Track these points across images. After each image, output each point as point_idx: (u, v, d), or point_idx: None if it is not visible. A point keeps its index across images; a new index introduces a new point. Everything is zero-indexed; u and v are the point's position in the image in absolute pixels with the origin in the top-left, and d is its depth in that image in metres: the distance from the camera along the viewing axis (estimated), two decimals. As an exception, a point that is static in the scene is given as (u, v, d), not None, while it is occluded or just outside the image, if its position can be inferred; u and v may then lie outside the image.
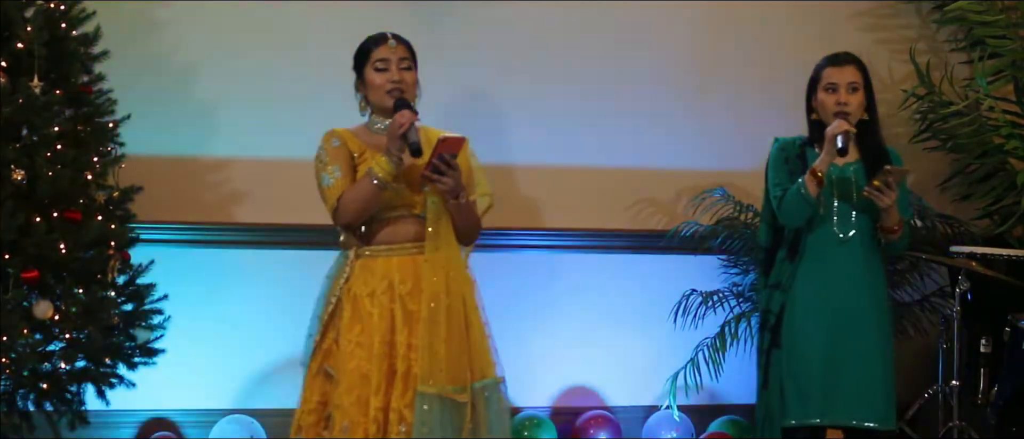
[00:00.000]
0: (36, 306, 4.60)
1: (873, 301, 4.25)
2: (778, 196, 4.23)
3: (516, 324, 5.68)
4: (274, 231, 5.67)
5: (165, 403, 5.56)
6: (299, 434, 3.82)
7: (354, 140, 3.87)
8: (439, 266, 3.78)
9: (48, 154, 4.62)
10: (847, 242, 4.21)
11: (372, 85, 3.85)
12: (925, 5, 6.20)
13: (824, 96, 4.23)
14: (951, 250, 5.46)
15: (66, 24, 4.79)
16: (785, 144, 4.34)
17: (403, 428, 3.67)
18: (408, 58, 3.88)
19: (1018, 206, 5.79)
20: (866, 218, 4.24)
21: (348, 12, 5.62)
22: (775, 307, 4.22)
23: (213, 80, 5.63)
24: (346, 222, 3.82)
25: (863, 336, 4.20)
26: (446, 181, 3.71)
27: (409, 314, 3.75)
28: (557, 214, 5.94)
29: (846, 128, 4.10)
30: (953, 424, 5.20)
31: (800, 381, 4.17)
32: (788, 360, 4.19)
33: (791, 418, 4.19)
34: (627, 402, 5.98)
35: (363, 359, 3.72)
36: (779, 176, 4.27)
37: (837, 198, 4.22)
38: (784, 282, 4.22)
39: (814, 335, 4.18)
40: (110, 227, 4.80)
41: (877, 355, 4.22)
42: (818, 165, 4.13)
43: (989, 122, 5.89)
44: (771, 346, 4.21)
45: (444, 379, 3.70)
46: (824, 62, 4.31)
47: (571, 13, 5.90)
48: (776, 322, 4.21)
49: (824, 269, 4.20)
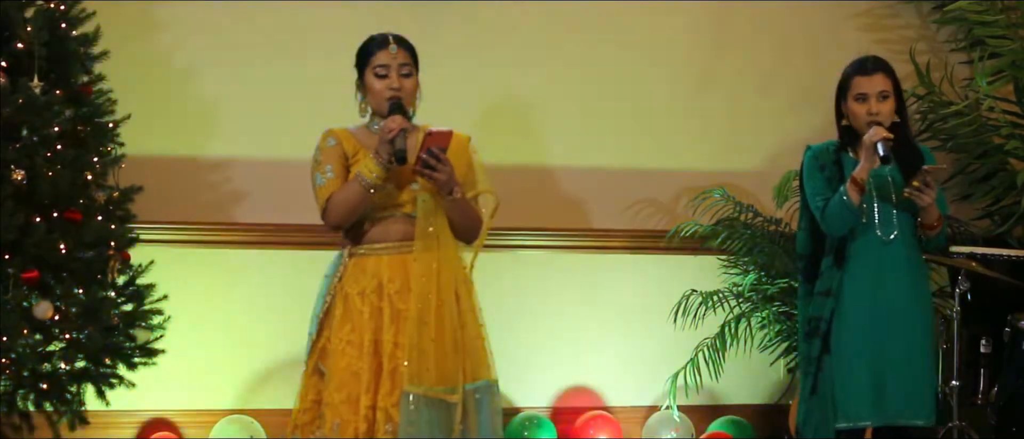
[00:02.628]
0: (36, 306, 4.60)
1: (919, 300, 4.28)
2: (820, 207, 4.22)
3: (516, 324, 5.69)
4: (274, 231, 5.67)
5: (165, 403, 5.56)
6: (295, 433, 3.83)
7: (350, 140, 3.87)
8: (430, 266, 3.77)
9: (48, 154, 4.62)
10: (891, 243, 4.22)
11: (372, 90, 3.86)
12: (925, 5, 6.20)
13: (855, 106, 4.20)
14: (951, 250, 5.46)
15: (66, 24, 4.79)
16: (818, 152, 4.31)
17: (389, 427, 3.68)
18: (409, 63, 3.87)
19: (1018, 206, 5.79)
20: (907, 217, 4.24)
21: (349, 12, 5.62)
22: (826, 313, 4.23)
23: (213, 80, 5.63)
24: (334, 222, 3.82)
25: (910, 335, 4.22)
26: (438, 176, 3.71)
27: (397, 313, 3.75)
28: (557, 214, 5.94)
29: (884, 135, 4.08)
30: (953, 424, 5.19)
31: (849, 384, 4.18)
32: (837, 364, 4.20)
33: (842, 421, 4.20)
34: (627, 402, 5.98)
35: (354, 357, 3.73)
36: (817, 185, 4.25)
37: (877, 200, 4.22)
38: (834, 289, 4.23)
39: (863, 338, 4.19)
40: (110, 227, 4.80)
41: (923, 353, 4.26)
42: (858, 173, 4.12)
43: (989, 122, 5.89)
44: (822, 352, 4.22)
45: (432, 379, 3.70)
46: (852, 70, 4.25)
47: (571, 13, 5.90)
48: (827, 329, 4.22)
49: (870, 272, 4.21)
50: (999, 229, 5.89)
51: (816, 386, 4.23)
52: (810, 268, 4.37)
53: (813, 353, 4.24)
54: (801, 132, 5.64)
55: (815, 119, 5.70)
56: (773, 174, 5.81)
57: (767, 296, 5.71)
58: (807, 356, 4.27)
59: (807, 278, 4.38)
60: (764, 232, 5.78)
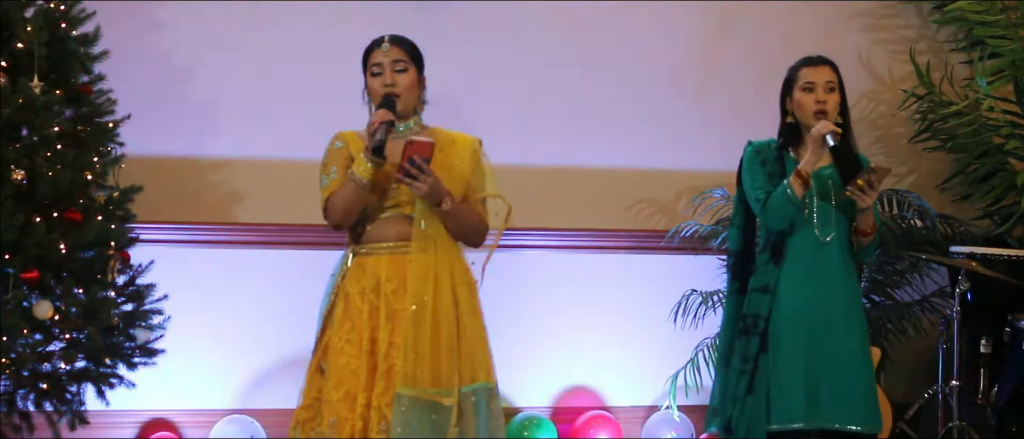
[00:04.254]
0: (36, 306, 4.60)
1: (853, 303, 4.22)
2: (761, 199, 4.18)
3: (516, 324, 5.69)
4: (274, 231, 5.67)
5: (165, 403, 5.56)
6: (296, 430, 3.84)
7: (357, 141, 3.88)
8: (427, 267, 3.78)
9: (48, 154, 4.62)
10: (827, 244, 4.18)
11: (371, 90, 3.89)
12: (925, 5, 6.20)
13: (802, 96, 4.20)
14: (951, 250, 5.47)
15: (66, 24, 4.79)
16: (760, 147, 4.29)
17: (383, 426, 3.68)
18: (404, 59, 3.87)
19: (1018, 206, 5.79)
20: (845, 220, 4.21)
21: (349, 12, 5.62)
22: (763, 311, 4.19)
23: (213, 80, 5.63)
24: (334, 222, 3.84)
25: (845, 338, 4.16)
26: (419, 185, 3.70)
27: (393, 312, 3.76)
28: (557, 214, 5.94)
29: (832, 128, 4.07)
30: (953, 424, 5.20)
31: (783, 385, 4.12)
32: (773, 364, 4.16)
33: (773, 423, 4.14)
34: (627, 402, 5.98)
35: (352, 356, 3.75)
36: (758, 179, 4.22)
37: (817, 199, 4.19)
38: (771, 285, 4.19)
39: (798, 338, 4.13)
40: (110, 227, 4.80)
41: (859, 357, 4.18)
42: (804, 166, 4.09)
43: (989, 122, 5.90)
44: (760, 351, 4.17)
45: (426, 381, 3.70)
46: (799, 63, 4.28)
47: (571, 13, 5.90)
48: (765, 326, 4.18)
49: (807, 271, 4.16)
50: (999, 229, 5.90)
51: (752, 385, 4.16)
52: (739, 265, 4.31)
53: (751, 351, 4.17)
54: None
55: (815, 119, 5.70)
56: (773, 174, 5.81)
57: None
58: (743, 354, 4.19)
59: (735, 275, 4.33)
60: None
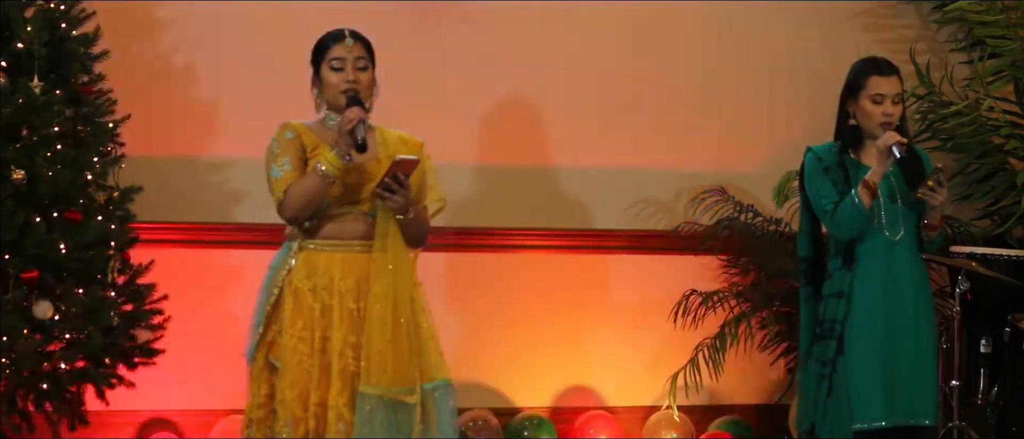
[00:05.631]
0: (36, 306, 4.60)
1: (925, 300, 4.29)
2: (829, 210, 4.19)
3: (516, 324, 5.69)
4: (274, 231, 5.65)
5: (165, 403, 5.56)
6: (250, 428, 3.83)
7: (308, 134, 3.88)
8: (387, 266, 3.78)
9: (48, 154, 4.62)
10: (897, 244, 4.21)
11: (327, 83, 3.88)
12: (925, 5, 6.20)
13: (869, 106, 4.16)
14: (951, 250, 5.46)
15: (66, 24, 4.80)
16: (821, 153, 4.27)
17: (342, 426, 3.69)
18: (365, 57, 3.88)
19: (1018, 206, 5.79)
20: (912, 217, 4.24)
21: (349, 12, 5.59)
22: (839, 316, 4.22)
23: (213, 80, 5.63)
24: (291, 215, 3.83)
25: (919, 336, 4.24)
26: (396, 199, 3.73)
27: (348, 312, 3.76)
28: (558, 214, 5.94)
29: (899, 139, 4.07)
30: (953, 424, 5.20)
31: (862, 385, 4.18)
32: (852, 366, 4.20)
33: (857, 422, 4.19)
34: (627, 402, 5.98)
35: (305, 354, 3.75)
36: (823, 189, 4.22)
37: (884, 201, 4.21)
38: (846, 291, 4.22)
39: (874, 339, 4.19)
40: (110, 227, 4.81)
41: (930, 353, 4.28)
42: (871, 177, 4.11)
43: (989, 122, 5.89)
44: (837, 354, 4.21)
45: (389, 380, 3.71)
46: (869, 69, 4.21)
47: (571, 13, 5.90)
48: (841, 331, 4.22)
49: (881, 274, 4.20)
50: (999, 229, 5.89)
51: (832, 388, 4.22)
52: (811, 271, 4.36)
53: (828, 355, 4.22)
54: (801, 132, 5.62)
55: (815, 119, 5.67)
56: (773, 174, 5.81)
57: (767, 296, 5.72)
58: (821, 358, 4.25)
59: (809, 280, 4.37)
60: (764, 232, 5.78)
